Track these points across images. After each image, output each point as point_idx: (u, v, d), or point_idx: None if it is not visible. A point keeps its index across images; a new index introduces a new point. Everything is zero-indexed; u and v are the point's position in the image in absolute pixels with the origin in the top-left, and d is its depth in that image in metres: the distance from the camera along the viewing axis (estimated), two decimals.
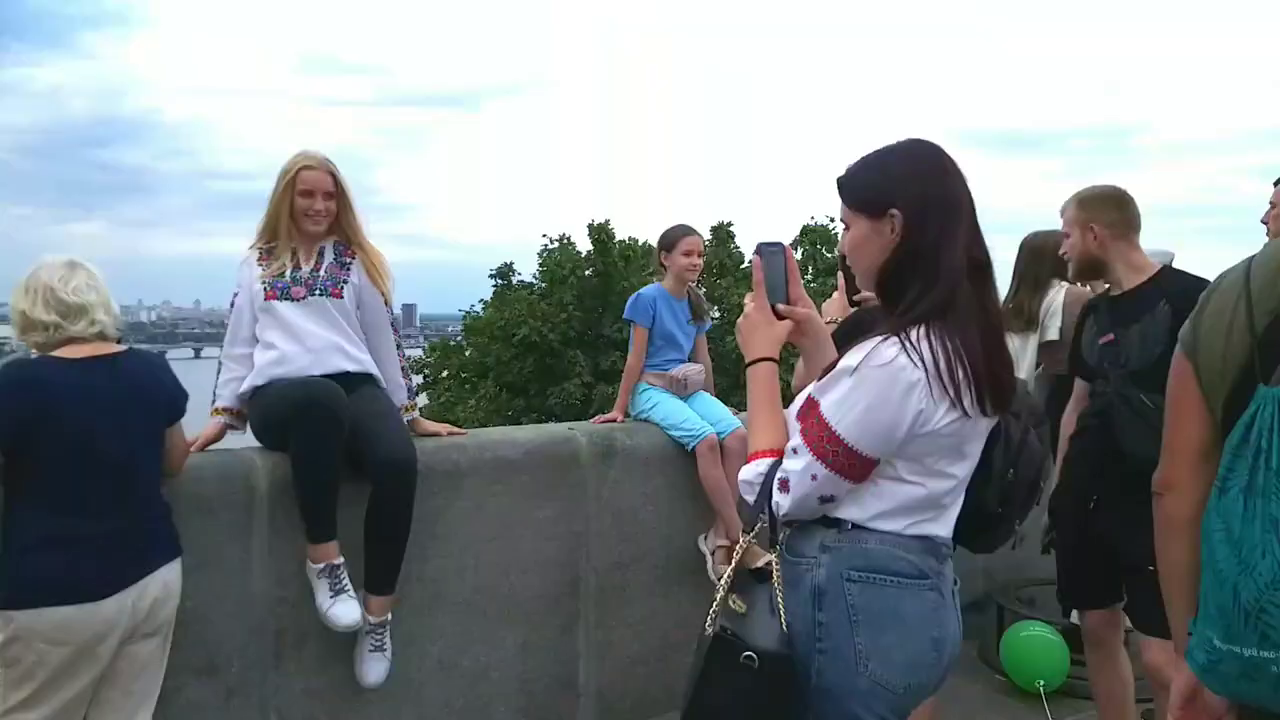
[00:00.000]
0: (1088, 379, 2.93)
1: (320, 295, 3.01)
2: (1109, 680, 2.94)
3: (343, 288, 3.06)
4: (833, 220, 30.29)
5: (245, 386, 2.99)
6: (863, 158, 1.66)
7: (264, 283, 3.00)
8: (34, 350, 2.32)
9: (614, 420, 3.71)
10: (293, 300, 2.99)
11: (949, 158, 1.62)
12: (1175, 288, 2.66)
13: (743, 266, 27.42)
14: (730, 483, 3.44)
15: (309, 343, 2.96)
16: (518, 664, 3.27)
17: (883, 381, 1.50)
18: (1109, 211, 2.83)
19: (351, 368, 3.00)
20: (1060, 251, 3.04)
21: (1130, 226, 2.84)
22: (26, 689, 2.20)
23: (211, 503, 2.73)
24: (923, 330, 1.52)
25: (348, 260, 3.11)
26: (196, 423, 2.80)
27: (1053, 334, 3.96)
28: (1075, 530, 2.86)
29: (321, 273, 3.06)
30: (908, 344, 1.50)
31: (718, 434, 3.51)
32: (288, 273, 3.02)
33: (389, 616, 2.87)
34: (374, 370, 3.08)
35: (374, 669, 2.85)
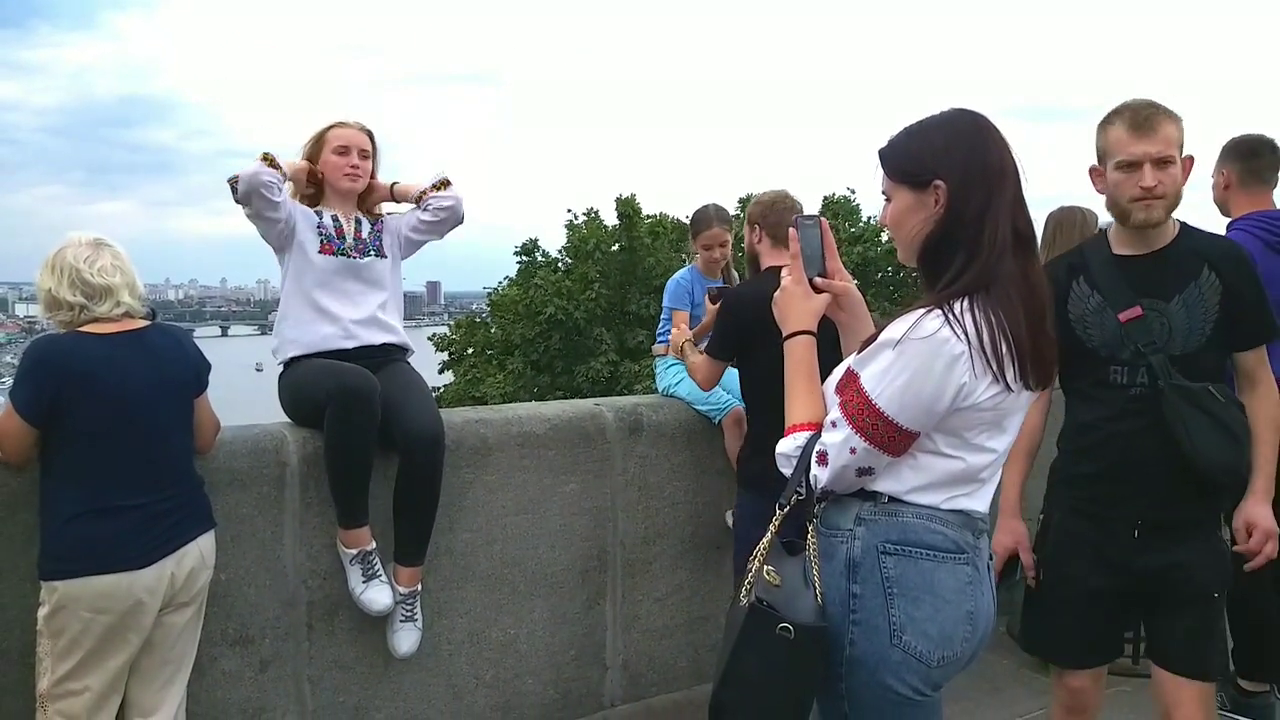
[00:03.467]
0: (1075, 361, 2.22)
1: (373, 255, 3.03)
2: None
3: (386, 248, 3.08)
4: (853, 192, 29.79)
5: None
6: (905, 128, 1.64)
7: (321, 234, 2.97)
8: (61, 328, 2.34)
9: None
10: (350, 258, 2.98)
11: (993, 126, 1.59)
12: (1214, 251, 2.23)
13: None
14: None
15: (353, 314, 2.95)
16: (546, 636, 3.30)
17: (925, 355, 1.48)
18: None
19: (389, 339, 3.03)
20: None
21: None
22: (73, 658, 2.24)
23: (243, 477, 2.76)
24: (966, 303, 1.50)
25: (378, 229, 3.11)
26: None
27: None
28: (1099, 571, 2.27)
29: (365, 235, 3.06)
30: (951, 317, 1.49)
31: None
32: (349, 237, 3.00)
33: (419, 586, 2.89)
34: (407, 341, 3.11)
35: (405, 639, 2.87)
